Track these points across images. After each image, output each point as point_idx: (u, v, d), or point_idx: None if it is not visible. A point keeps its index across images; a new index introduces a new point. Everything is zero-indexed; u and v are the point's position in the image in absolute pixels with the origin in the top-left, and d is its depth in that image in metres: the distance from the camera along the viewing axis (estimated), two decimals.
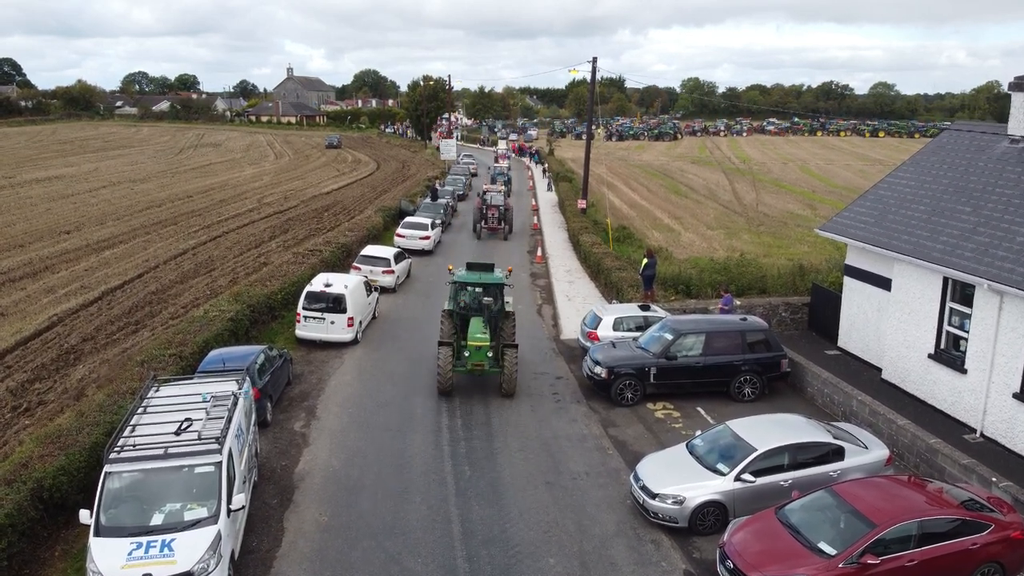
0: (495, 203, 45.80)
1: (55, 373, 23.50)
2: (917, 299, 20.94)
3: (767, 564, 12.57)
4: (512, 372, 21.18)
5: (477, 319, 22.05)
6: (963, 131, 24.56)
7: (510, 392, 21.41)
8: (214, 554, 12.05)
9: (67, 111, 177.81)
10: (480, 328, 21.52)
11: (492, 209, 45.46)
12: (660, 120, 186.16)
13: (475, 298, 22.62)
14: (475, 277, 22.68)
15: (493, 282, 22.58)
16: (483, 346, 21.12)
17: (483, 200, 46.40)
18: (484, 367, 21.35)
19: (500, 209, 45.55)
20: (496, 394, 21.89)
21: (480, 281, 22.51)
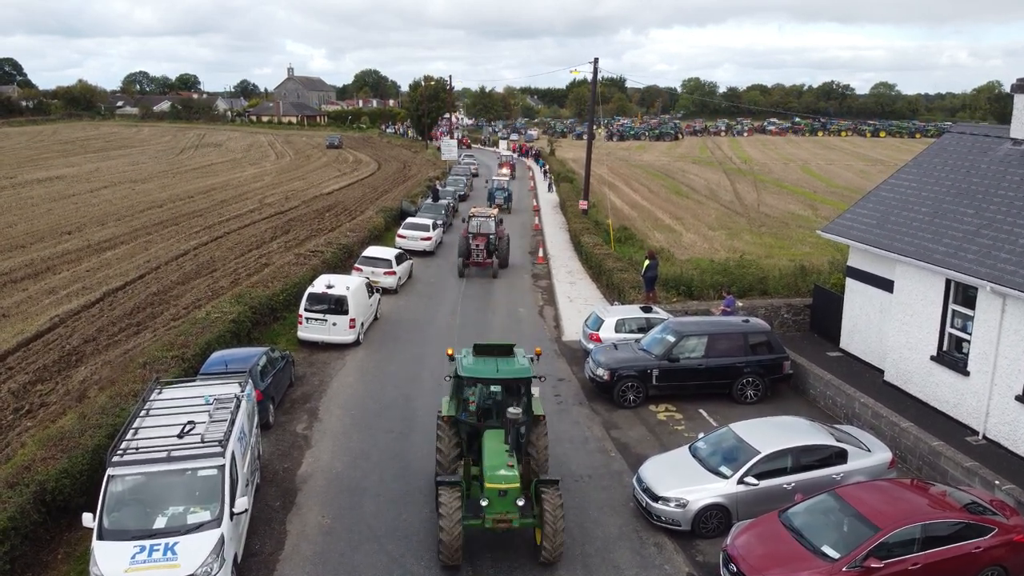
0: (483, 231, 37.04)
1: (57, 375, 23.49)
2: (919, 301, 20.92)
3: (770, 567, 12.55)
4: (557, 527, 13.57)
5: (495, 437, 14.77)
6: (965, 133, 24.54)
7: (553, 558, 13.84)
8: (217, 557, 12.04)
9: (68, 111, 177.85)
10: (503, 457, 14.08)
11: (479, 239, 36.59)
12: (661, 120, 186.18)
13: (490, 400, 15.92)
14: (489, 369, 15.44)
15: (517, 376, 15.38)
16: (510, 489, 13.59)
17: (469, 227, 37.34)
18: (512, 522, 13.78)
19: (490, 239, 36.85)
20: None
21: (497, 376, 15.35)
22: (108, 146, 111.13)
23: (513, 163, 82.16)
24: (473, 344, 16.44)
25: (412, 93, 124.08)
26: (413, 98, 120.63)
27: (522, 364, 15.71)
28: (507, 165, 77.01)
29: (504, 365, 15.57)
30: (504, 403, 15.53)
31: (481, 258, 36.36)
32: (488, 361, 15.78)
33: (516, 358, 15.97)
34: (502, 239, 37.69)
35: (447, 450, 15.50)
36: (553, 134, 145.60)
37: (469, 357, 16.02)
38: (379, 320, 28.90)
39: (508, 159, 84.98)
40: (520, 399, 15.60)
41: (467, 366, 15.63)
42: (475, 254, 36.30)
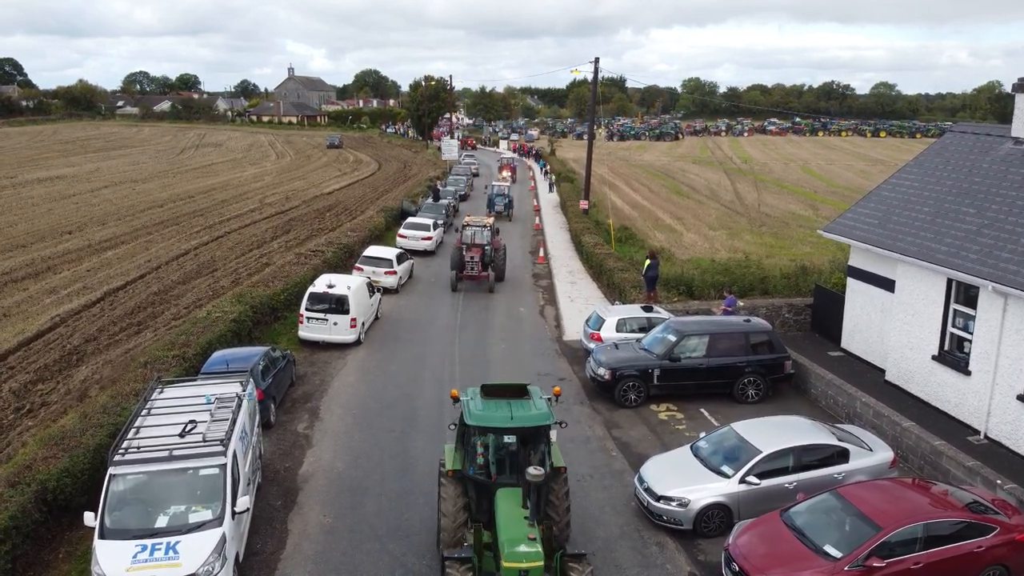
0: (478, 242, 34.10)
1: (58, 374, 23.49)
2: (921, 301, 20.91)
3: (772, 567, 12.55)
4: None
5: (510, 498, 12.73)
6: (966, 133, 24.53)
7: None
8: (219, 556, 12.04)
9: (68, 111, 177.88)
10: (522, 527, 12.02)
11: (473, 251, 33.70)
12: (661, 120, 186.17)
13: (503, 451, 13.71)
14: (501, 416, 13.25)
15: (535, 424, 13.29)
16: (532, 569, 11.60)
17: (462, 237, 34.33)
18: None
19: (486, 251, 34.03)
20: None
21: (512, 425, 13.19)
22: (108, 146, 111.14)
23: (514, 165, 77.43)
24: (481, 385, 14.21)
25: (412, 93, 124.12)
26: (413, 98, 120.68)
27: (540, 409, 13.49)
28: (508, 168, 73.98)
29: (519, 410, 13.38)
30: (519, 453, 13.40)
31: (476, 271, 33.44)
32: (500, 405, 13.51)
33: (532, 401, 13.78)
34: (498, 250, 34.70)
35: (452, 513, 13.21)
36: (553, 134, 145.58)
37: (477, 400, 13.78)
38: (380, 320, 28.90)
39: (509, 161, 78.92)
40: (538, 449, 13.42)
41: (476, 412, 13.33)
42: (469, 267, 33.38)
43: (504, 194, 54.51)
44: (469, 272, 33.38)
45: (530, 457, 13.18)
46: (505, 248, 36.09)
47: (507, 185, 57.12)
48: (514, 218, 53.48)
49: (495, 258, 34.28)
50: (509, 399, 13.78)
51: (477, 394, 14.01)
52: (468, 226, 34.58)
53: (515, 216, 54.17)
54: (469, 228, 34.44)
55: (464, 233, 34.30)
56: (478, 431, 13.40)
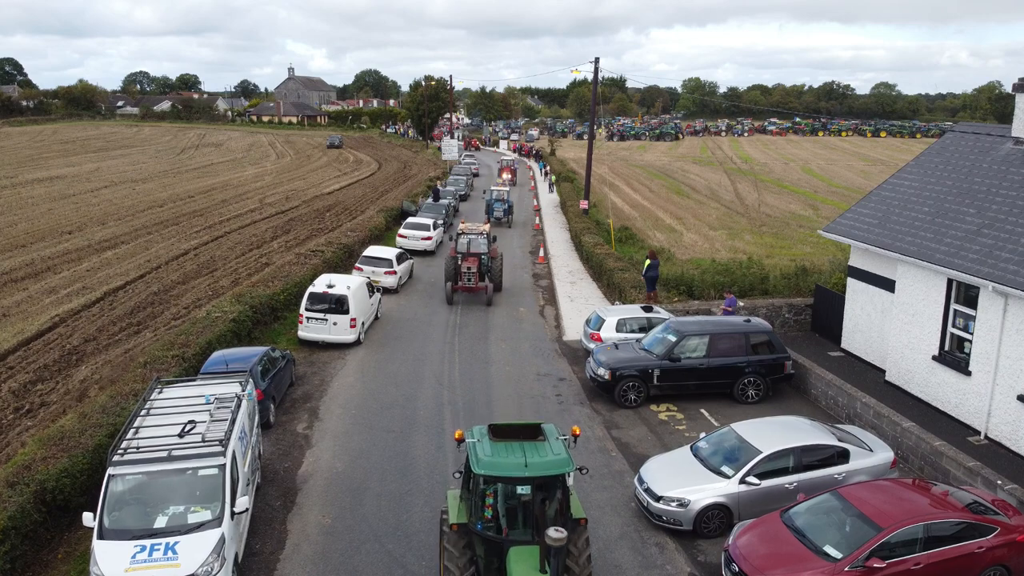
0: (474, 251, 31.99)
1: (57, 374, 23.48)
2: (921, 301, 20.89)
3: (772, 567, 12.52)
4: None
5: (525, 558, 11.42)
6: (967, 133, 24.51)
7: None
8: (218, 557, 12.01)
9: (68, 111, 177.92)
10: None
11: (470, 260, 31.57)
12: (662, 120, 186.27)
13: (514, 500, 12.15)
14: (514, 463, 11.74)
15: (553, 472, 11.79)
16: None
17: (457, 246, 32.33)
18: None
19: (483, 260, 31.94)
20: (501, 388, 21.85)
21: (528, 475, 11.67)
22: (108, 146, 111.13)
23: (515, 167, 74.36)
24: (489, 425, 12.72)
25: (413, 93, 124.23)
26: (414, 98, 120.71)
27: (558, 453, 11.95)
28: (508, 170, 71.35)
29: (534, 455, 11.82)
30: (534, 503, 11.78)
31: (472, 283, 31.23)
32: (512, 449, 12.00)
33: (548, 443, 12.24)
34: (495, 259, 32.73)
35: (457, 572, 11.76)
36: (553, 134, 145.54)
37: (485, 443, 12.19)
38: (380, 320, 28.88)
39: (510, 163, 75.15)
40: (554, 498, 11.85)
41: (485, 459, 11.76)
42: (465, 278, 31.16)
43: (503, 199, 51.13)
44: (465, 284, 31.18)
45: (545, 506, 11.64)
46: (502, 257, 34.02)
47: (506, 190, 52.95)
48: (514, 223, 51.60)
49: (492, 267, 32.17)
50: (522, 441, 12.33)
51: (485, 435, 12.46)
52: (463, 234, 32.32)
53: (515, 221, 52.34)
54: (464, 236, 32.21)
55: (459, 241, 32.09)
56: (487, 480, 11.79)
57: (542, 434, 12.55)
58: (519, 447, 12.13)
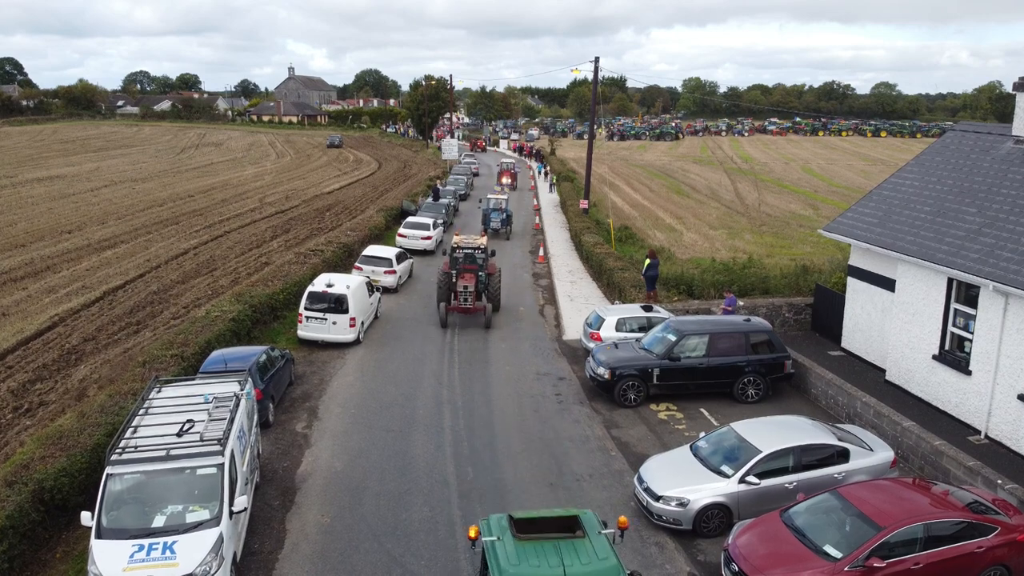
0: (470, 267, 28.35)
1: (56, 373, 23.45)
2: (921, 300, 20.85)
3: (772, 567, 12.48)
4: None
5: None
6: (967, 132, 24.48)
7: None
8: (216, 556, 11.98)
9: (68, 111, 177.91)
10: None
11: (466, 278, 28.03)
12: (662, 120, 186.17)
13: None
14: (551, 571, 9.61)
15: None
16: None
17: (453, 262, 28.60)
18: None
19: (480, 277, 28.46)
20: (501, 387, 21.81)
21: None
22: (108, 145, 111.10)
23: (515, 171, 70.08)
24: (509, 515, 10.40)
25: (413, 93, 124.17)
26: (414, 98, 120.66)
27: (604, 558, 9.71)
28: (508, 174, 67.46)
29: (574, 561, 9.55)
30: None
31: (469, 302, 27.63)
32: (543, 552, 9.65)
33: (588, 542, 10.01)
34: (493, 275, 28.91)
35: None
36: (553, 133, 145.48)
37: (508, 543, 9.86)
38: (379, 319, 28.84)
39: (509, 166, 70.52)
40: None
41: (510, 569, 9.43)
42: (461, 297, 27.57)
43: (501, 208, 45.94)
44: (461, 304, 27.63)
45: None
46: (500, 272, 30.24)
47: (504, 199, 47.36)
48: (513, 233, 47.27)
49: (490, 285, 28.49)
50: (555, 538, 9.97)
51: (506, 530, 10.10)
52: (459, 248, 28.60)
53: (514, 231, 48.11)
54: (460, 251, 28.48)
55: (454, 257, 28.51)
56: None
57: (580, 528, 10.31)
58: (552, 548, 9.78)
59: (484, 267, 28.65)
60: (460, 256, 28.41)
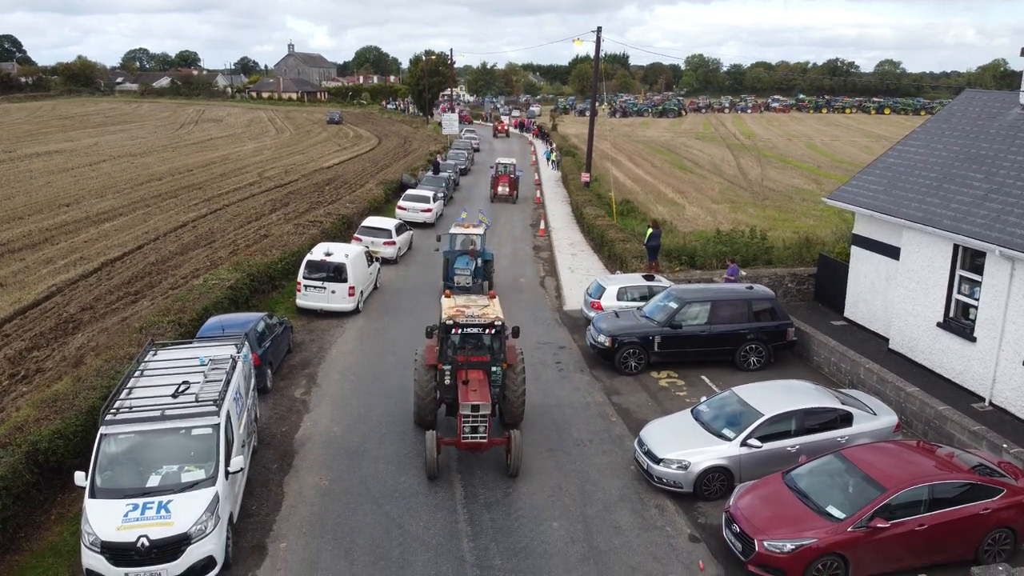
0: (479, 354, 16.67)
1: (54, 341, 23.28)
2: (926, 267, 20.61)
3: (774, 528, 12.36)
4: None
5: None
6: (981, 94, 24.29)
7: None
8: (211, 516, 11.85)
9: (67, 87, 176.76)
10: None
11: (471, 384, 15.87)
12: (664, 97, 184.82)
13: None
14: None
15: None
16: None
17: (447, 349, 16.63)
18: None
19: (494, 377, 16.74)
20: None
21: None
22: (107, 121, 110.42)
23: (516, 175, 50.39)
24: None
25: (413, 68, 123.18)
26: (414, 73, 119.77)
27: None
28: (506, 180, 48.92)
29: None
30: None
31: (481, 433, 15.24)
32: None
33: None
34: (515, 368, 17.00)
35: None
36: (555, 110, 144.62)
37: None
38: (379, 290, 28.64)
39: (509, 169, 50.20)
40: None
41: None
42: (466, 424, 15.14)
43: (473, 250, 27.99)
44: (467, 436, 15.30)
45: None
46: (523, 359, 17.53)
47: (479, 233, 28.68)
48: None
49: (509, 387, 16.90)
50: None
51: None
52: (455, 323, 16.33)
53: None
54: (458, 327, 16.35)
55: (447, 339, 16.55)
56: None
57: None
58: None
59: (498, 356, 16.72)
60: (456, 338, 16.45)
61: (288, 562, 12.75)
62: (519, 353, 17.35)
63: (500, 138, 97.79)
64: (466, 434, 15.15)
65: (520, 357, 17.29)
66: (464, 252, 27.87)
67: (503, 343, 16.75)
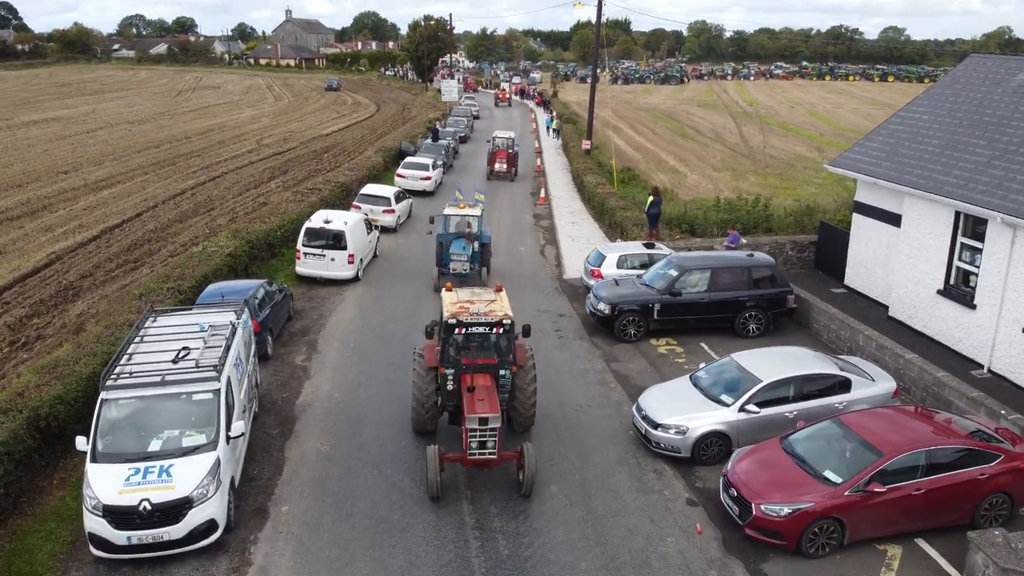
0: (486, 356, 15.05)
1: (54, 309, 23.31)
2: (927, 234, 20.54)
3: (771, 492, 12.44)
4: None
5: None
6: (986, 60, 24.04)
7: None
8: (213, 479, 11.93)
9: (64, 55, 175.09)
10: None
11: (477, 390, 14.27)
12: (667, 64, 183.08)
13: None
14: None
15: None
16: None
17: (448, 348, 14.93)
18: None
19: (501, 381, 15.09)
20: None
21: None
22: (104, 88, 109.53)
23: (515, 151, 46.28)
24: None
25: (411, 34, 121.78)
26: (412, 39, 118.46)
27: None
28: (503, 155, 44.84)
29: None
30: None
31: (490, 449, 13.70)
32: None
33: None
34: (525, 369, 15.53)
35: None
36: (555, 76, 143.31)
37: None
38: (378, 258, 28.58)
39: (507, 144, 46.30)
40: None
41: None
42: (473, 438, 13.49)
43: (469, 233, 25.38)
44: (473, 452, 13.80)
45: None
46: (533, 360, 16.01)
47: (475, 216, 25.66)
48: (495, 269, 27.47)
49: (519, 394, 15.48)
50: None
51: None
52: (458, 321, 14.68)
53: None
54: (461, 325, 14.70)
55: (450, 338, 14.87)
56: None
57: None
58: None
59: (507, 357, 15.05)
60: (460, 338, 14.86)
61: (290, 525, 12.87)
62: (529, 353, 15.77)
63: (502, 107, 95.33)
64: (473, 450, 13.60)
65: (530, 357, 15.71)
66: (460, 235, 25.34)
67: (512, 343, 15.08)
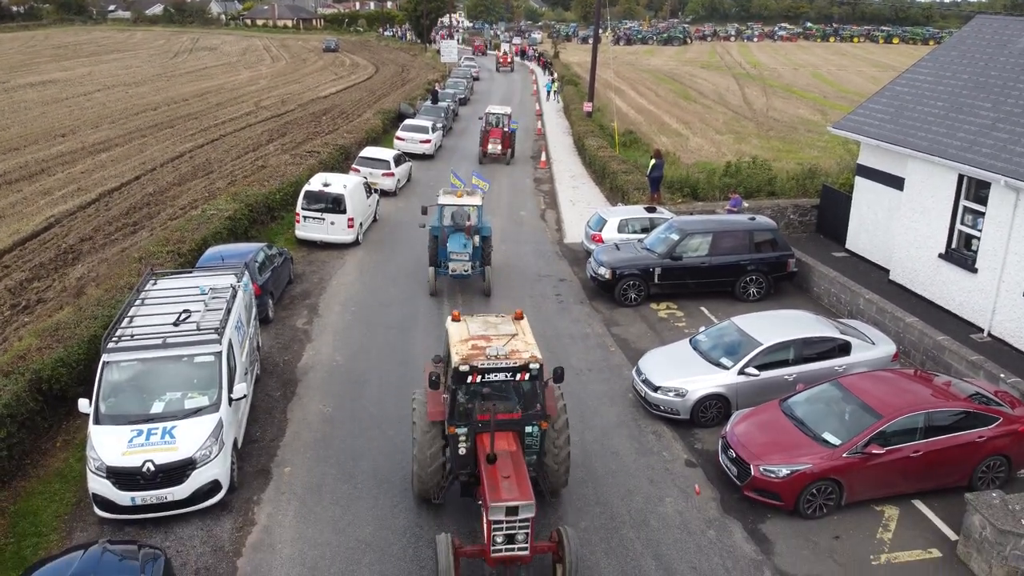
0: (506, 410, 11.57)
1: (54, 272, 23.31)
2: (930, 198, 20.43)
3: (770, 454, 12.54)
4: None
5: None
6: (993, 21, 23.74)
7: None
8: (216, 441, 12.02)
9: (59, 16, 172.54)
10: None
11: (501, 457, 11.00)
12: (670, 24, 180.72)
13: None
14: None
15: None
16: None
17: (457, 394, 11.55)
18: None
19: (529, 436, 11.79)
20: (501, 288, 21.64)
21: None
22: (101, 50, 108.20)
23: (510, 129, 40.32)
24: None
25: None
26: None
27: None
28: (497, 134, 39.24)
29: None
30: None
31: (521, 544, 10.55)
32: None
33: None
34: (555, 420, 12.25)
35: None
36: (555, 36, 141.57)
37: None
38: (378, 222, 28.48)
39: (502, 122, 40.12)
40: None
41: None
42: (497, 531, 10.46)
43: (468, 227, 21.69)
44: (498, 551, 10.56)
45: None
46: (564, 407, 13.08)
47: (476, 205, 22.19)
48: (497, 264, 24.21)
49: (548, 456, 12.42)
50: None
51: None
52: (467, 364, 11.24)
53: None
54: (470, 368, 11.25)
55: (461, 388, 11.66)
56: None
57: None
58: None
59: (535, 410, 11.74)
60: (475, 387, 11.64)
61: (292, 485, 13.00)
62: (560, 399, 12.37)
63: (504, 72, 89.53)
64: (498, 544, 10.19)
65: (562, 408, 12.32)
66: (459, 229, 21.57)
67: (541, 391, 11.68)
